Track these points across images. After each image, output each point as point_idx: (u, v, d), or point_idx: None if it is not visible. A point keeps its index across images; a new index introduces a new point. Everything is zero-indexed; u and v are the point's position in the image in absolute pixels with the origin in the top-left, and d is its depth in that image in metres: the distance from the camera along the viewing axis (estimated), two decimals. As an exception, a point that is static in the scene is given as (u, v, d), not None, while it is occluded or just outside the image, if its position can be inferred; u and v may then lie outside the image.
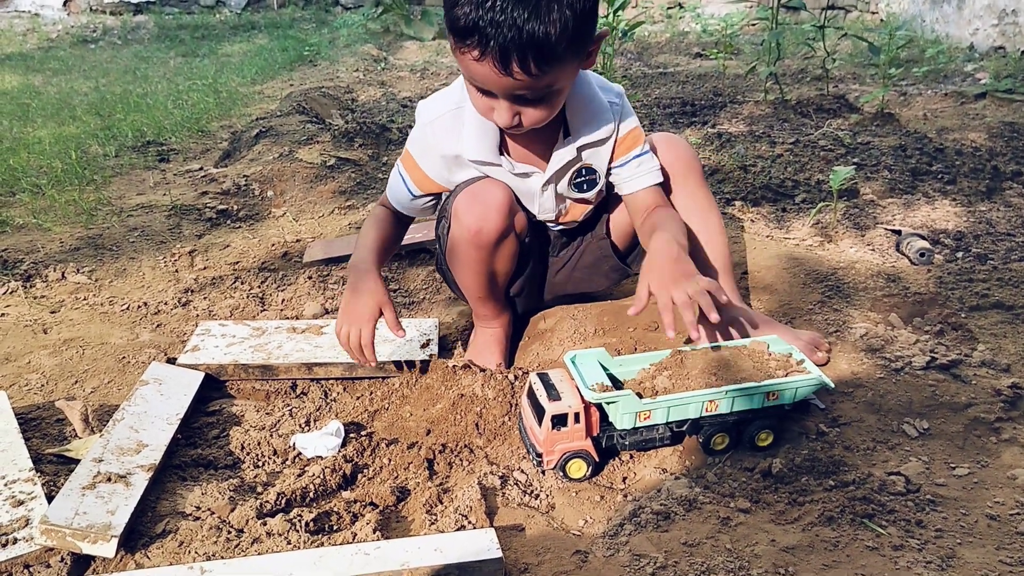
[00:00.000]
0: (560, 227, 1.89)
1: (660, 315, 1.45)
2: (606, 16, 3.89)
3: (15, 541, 1.30)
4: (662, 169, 1.77)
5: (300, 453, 1.65)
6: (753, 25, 6.82)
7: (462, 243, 1.74)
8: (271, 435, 1.69)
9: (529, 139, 1.68)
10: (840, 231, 2.43)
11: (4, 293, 2.27)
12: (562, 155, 1.68)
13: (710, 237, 1.83)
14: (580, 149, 1.69)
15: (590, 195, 1.78)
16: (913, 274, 2.13)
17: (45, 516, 1.29)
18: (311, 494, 1.50)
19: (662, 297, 1.46)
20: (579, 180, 1.74)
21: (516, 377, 1.77)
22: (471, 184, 1.71)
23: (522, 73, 1.38)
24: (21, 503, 1.38)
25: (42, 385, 1.86)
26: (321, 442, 1.64)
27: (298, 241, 2.65)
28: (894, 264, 2.21)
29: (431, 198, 1.83)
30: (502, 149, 1.70)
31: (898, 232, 2.34)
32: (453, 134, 1.68)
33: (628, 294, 2.17)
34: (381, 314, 1.70)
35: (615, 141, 1.71)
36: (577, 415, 1.48)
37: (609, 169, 1.75)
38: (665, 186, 1.80)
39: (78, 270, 2.40)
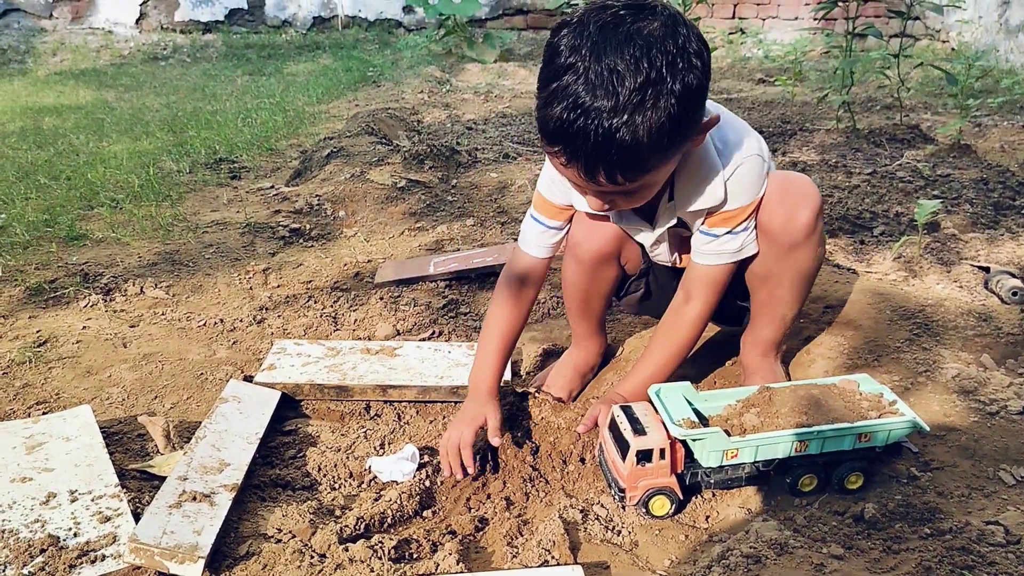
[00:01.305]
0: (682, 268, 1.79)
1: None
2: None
3: (103, 558, 1.31)
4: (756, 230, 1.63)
5: (376, 476, 1.64)
6: (826, 52, 6.73)
7: (566, 252, 1.77)
8: (347, 457, 1.68)
9: None
10: (924, 266, 2.36)
11: (85, 306, 2.32)
12: (665, 219, 1.60)
13: (768, 314, 1.74)
14: (681, 215, 1.59)
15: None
16: (1005, 313, 2.06)
17: (134, 534, 1.30)
18: (389, 519, 1.49)
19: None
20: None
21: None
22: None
23: (609, 184, 1.31)
24: (108, 519, 1.39)
25: (123, 399, 1.88)
26: (397, 467, 1.63)
27: (369, 261, 2.67)
28: (984, 302, 2.13)
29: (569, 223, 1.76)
30: None
31: (986, 269, 2.27)
32: None
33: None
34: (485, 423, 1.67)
35: (713, 211, 1.58)
36: (663, 451, 1.45)
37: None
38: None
39: (156, 285, 2.44)
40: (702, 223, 1.60)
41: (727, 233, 1.58)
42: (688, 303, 1.67)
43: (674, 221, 1.60)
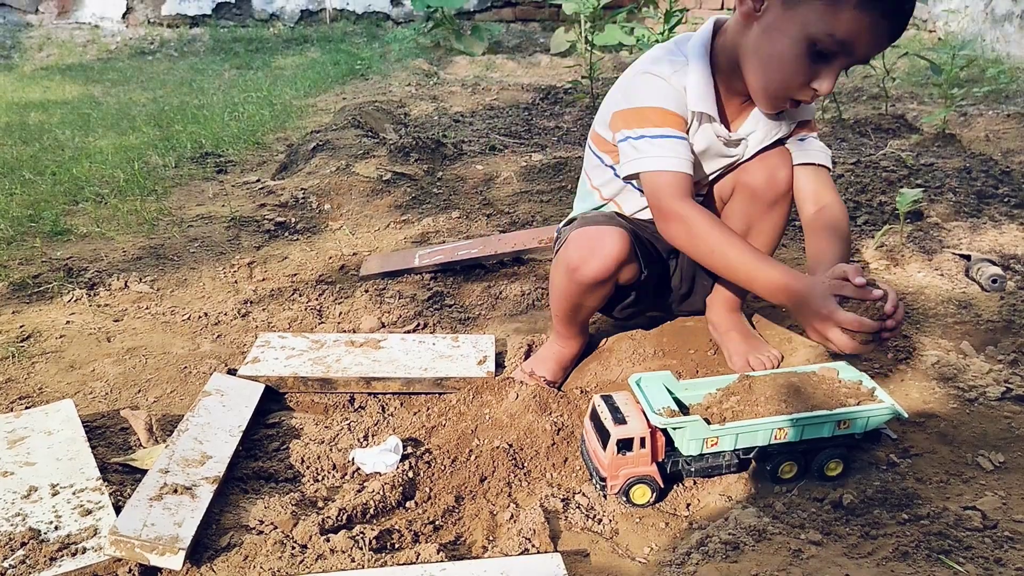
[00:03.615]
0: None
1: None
2: (661, 33, 3.88)
3: (84, 551, 1.31)
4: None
5: (359, 468, 1.65)
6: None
7: (560, 269, 1.76)
8: (330, 449, 1.68)
9: (740, 104, 1.68)
10: (906, 255, 2.38)
11: (69, 301, 2.31)
12: (765, 120, 1.68)
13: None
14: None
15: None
16: (985, 301, 2.07)
17: (115, 527, 1.30)
18: (371, 511, 1.49)
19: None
20: None
21: (563, 393, 1.74)
22: (596, 221, 1.73)
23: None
24: (89, 512, 1.39)
25: (106, 393, 1.88)
26: (380, 458, 1.64)
27: (355, 255, 2.67)
28: (964, 290, 2.15)
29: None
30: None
31: (967, 257, 2.28)
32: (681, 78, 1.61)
33: (687, 315, 2.14)
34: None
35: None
36: (643, 440, 1.45)
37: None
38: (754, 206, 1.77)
39: (140, 279, 2.44)
40: (792, 131, 1.73)
41: (807, 137, 1.75)
42: (827, 203, 1.70)
43: (780, 130, 1.70)
